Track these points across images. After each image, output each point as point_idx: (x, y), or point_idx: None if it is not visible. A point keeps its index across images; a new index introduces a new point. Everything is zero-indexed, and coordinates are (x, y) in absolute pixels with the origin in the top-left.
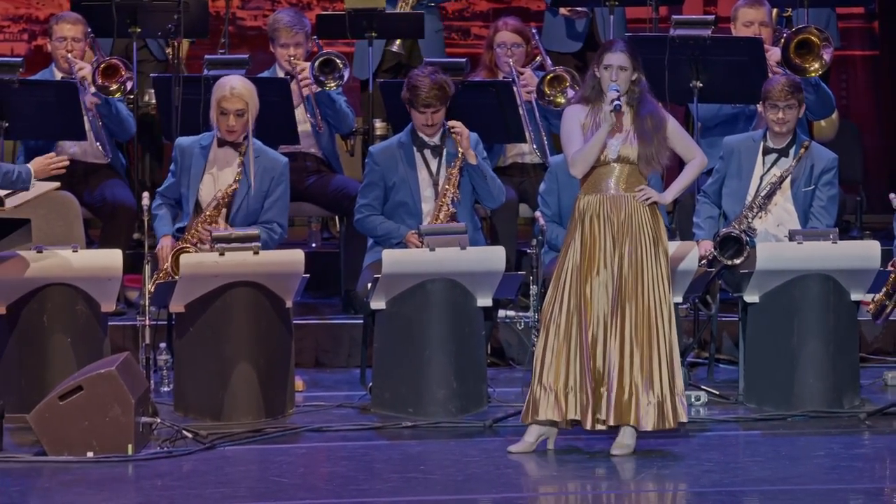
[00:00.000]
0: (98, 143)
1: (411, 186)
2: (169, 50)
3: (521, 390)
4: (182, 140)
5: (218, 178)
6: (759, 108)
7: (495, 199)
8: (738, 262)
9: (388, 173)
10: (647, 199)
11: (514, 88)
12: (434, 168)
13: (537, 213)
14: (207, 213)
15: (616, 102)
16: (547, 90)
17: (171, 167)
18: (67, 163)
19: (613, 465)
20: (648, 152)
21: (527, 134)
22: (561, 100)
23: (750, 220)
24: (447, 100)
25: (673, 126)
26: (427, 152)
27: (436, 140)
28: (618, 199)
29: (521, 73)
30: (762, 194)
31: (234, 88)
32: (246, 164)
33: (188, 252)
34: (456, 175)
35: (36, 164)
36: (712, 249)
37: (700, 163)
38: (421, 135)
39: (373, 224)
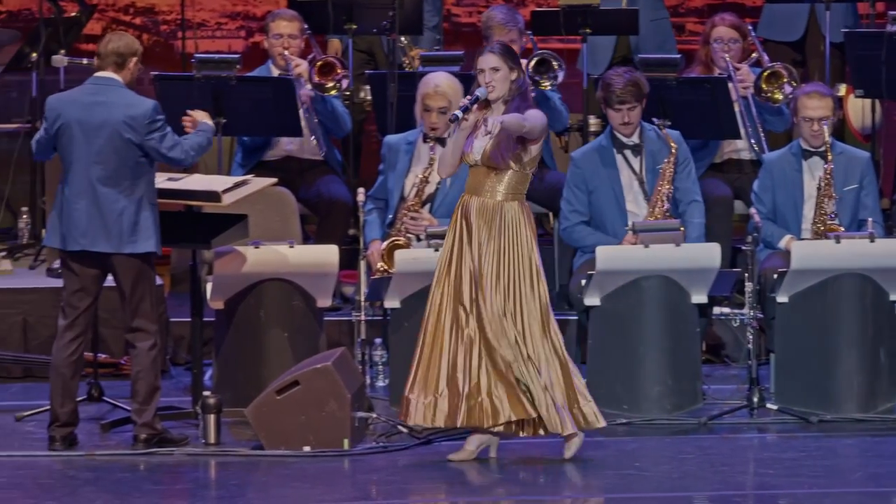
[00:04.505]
0: (313, 138)
1: (614, 188)
2: (405, 59)
3: (737, 388)
4: (390, 138)
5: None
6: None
7: None
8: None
9: (590, 177)
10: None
11: (730, 84)
12: (636, 167)
13: (752, 210)
14: (410, 202)
15: (454, 112)
16: (764, 86)
17: (380, 166)
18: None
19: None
20: (489, 146)
21: (742, 130)
22: (778, 96)
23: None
24: (642, 97)
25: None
26: (627, 152)
27: (634, 139)
28: (484, 204)
29: (738, 69)
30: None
31: (439, 86)
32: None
33: (399, 244)
34: (671, 171)
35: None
36: None
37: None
38: (619, 135)
39: (581, 235)
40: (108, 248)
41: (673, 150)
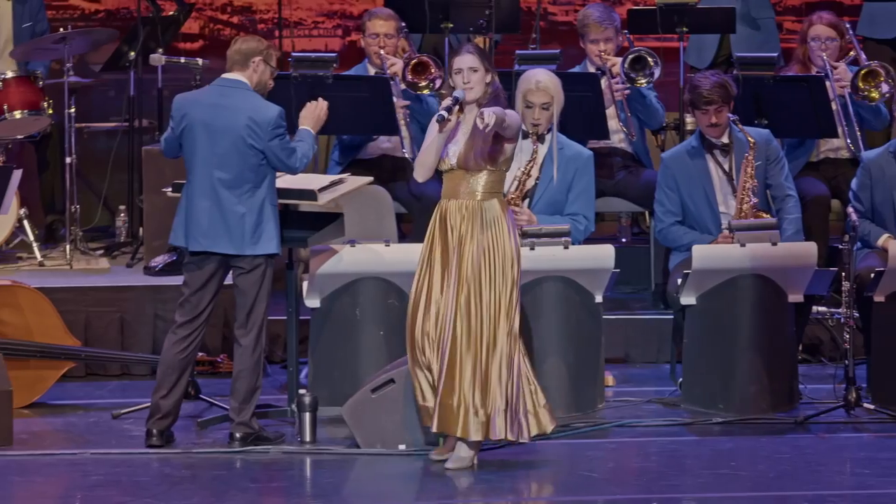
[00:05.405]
0: (401, 142)
1: (705, 188)
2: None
3: (834, 387)
4: None
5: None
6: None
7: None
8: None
9: (680, 178)
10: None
11: (828, 83)
12: (727, 167)
13: (850, 209)
14: (510, 196)
15: (441, 112)
16: (861, 85)
17: None
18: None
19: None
20: (464, 149)
21: (839, 129)
22: (875, 94)
23: None
24: (730, 98)
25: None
26: (717, 153)
27: (724, 140)
28: (463, 205)
29: (835, 68)
30: None
31: (540, 82)
32: (549, 155)
33: None
34: (751, 166)
35: (305, 121)
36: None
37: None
38: (708, 136)
39: (676, 235)
40: (229, 250)
41: (751, 144)
